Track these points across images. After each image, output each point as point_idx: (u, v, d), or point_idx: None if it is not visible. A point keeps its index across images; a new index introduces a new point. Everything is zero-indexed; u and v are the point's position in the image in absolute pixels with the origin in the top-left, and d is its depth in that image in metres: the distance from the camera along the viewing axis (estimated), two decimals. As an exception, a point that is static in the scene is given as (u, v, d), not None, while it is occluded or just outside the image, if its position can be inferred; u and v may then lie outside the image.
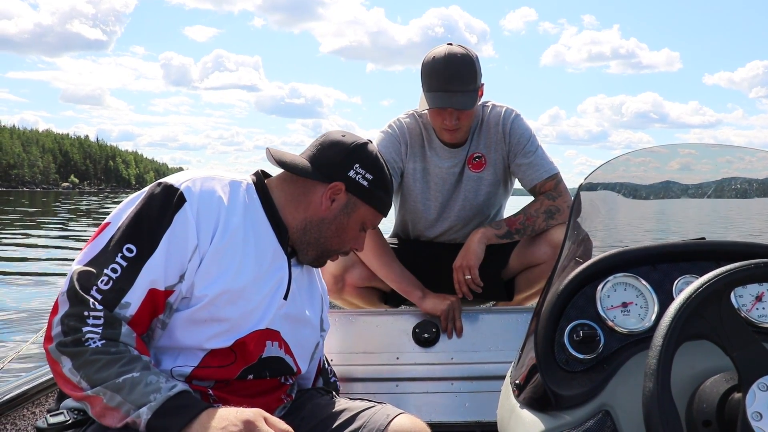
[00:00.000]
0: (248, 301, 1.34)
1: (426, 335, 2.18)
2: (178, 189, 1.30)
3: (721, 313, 0.90)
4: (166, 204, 1.28)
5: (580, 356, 1.07)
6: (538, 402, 1.06)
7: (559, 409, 1.02)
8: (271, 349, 1.41)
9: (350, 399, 1.54)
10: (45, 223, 23.90)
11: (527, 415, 1.06)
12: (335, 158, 1.45)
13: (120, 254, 1.23)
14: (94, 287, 1.20)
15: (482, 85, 2.33)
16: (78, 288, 1.20)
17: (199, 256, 1.28)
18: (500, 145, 2.40)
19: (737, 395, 0.87)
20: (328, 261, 1.57)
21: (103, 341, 1.17)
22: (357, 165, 1.44)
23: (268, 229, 1.42)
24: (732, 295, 1.11)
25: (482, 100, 2.41)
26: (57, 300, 1.22)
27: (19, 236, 17.41)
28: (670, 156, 1.51)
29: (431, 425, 1.47)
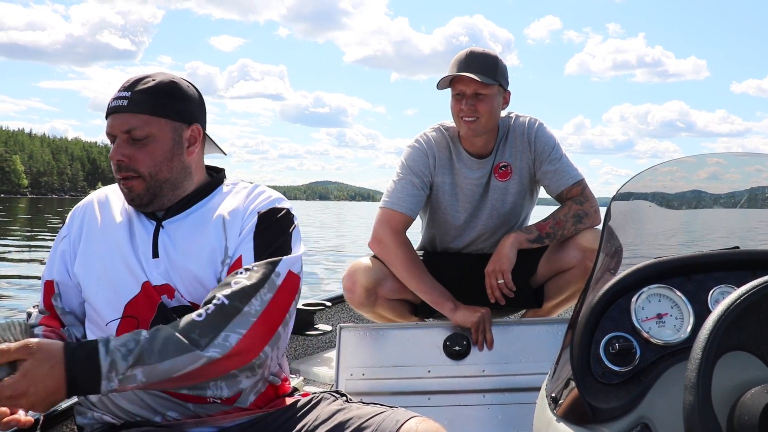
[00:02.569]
0: (109, 277, 1.47)
1: (457, 348, 2.19)
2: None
3: (760, 323, 0.89)
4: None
5: (617, 369, 1.07)
6: (575, 415, 1.06)
7: (597, 422, 1.02)
8: (169, 302, 1.44)
9: (363, 404, 1.51)
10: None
11: (564, 428, 1.06)
12: None
13: None
14: None
15: (508, 92, 2.37)
16: None
17: (68, 245, 1.55)
18: (526, 154, 2.42)
19: (780, 407, 0.87)
20: (359, 274, 1.57)
21: None
22: None
23: (133, 211, 1.54)
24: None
25: (506, 111, 2.44)
26: None
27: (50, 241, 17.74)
28: (698, 165, 1.51)
29: None
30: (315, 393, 1.59)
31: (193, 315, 1.30)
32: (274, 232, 1.48)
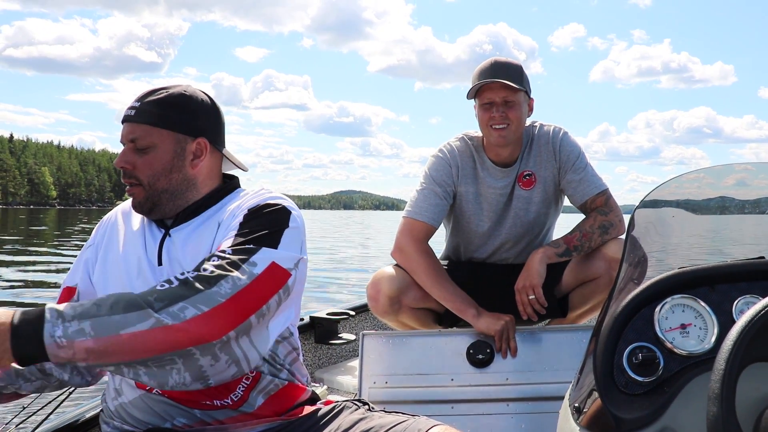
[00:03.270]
0: (123, 285, 1.51)
1: (480, 356, 2.18)
2: None
3: (784, 336, 0.89)
4: None
5: (640, 379, 1.07)
6: (599, 425, 1.06)
7: (620, 432, 1.02)
8: None
9: (385, 412, 1.50)
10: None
11: (588, 438, 1.06)
12: None
13: None
14: None
15: (532, 100, 2.38)
16: None
17: (93, 254, 1.61)
18: (550, 163, 2.42)
19: (805, 419, 0.87)
20: (383, 282, 1.58)
21: None
22: None
23: (138, 218, 1.60)
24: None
25: (530, 120, 2.45)
26: None
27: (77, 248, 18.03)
28: (725, 172, 1.50)
29: None
30: (337, 401, 1.59)
31: (156, 285, 1.26)
32: (259, 223, 1.41)
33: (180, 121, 1.51)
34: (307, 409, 1.54)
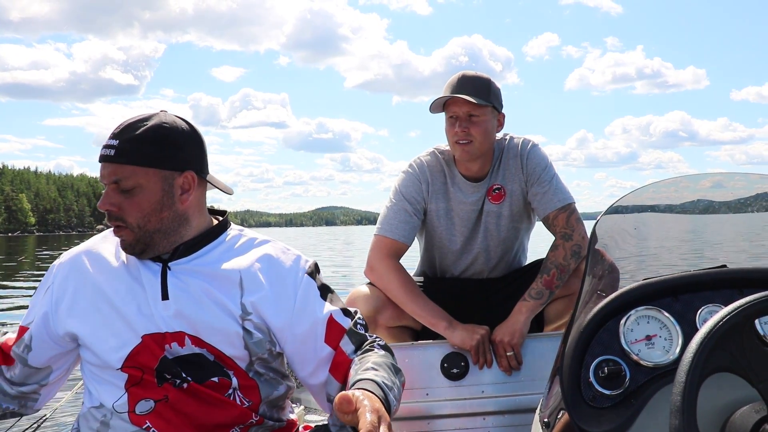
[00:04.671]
0: (120, 318, 1.44)
1: (455, 369, 2.16)
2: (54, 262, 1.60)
3: (743, 344, 0.90)
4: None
5: (607, 392, 1.08)
6: (567, 440, 1.07)
7: (588, 447, 1.02)
8: (176, 350, 1.42)
9: None
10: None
11: (557, 453, 1.06)
12: None
13: None
14: None
15: (502, 114, 2.38)
16: None
17: (51, 295, 1.52)
18: (518, 176, 2.42)
19: None
20: (359, 302, 1.82)
21: None
22: None
23: (114, 255, 1.53)
24: (757, 322, 1.11)
25: (503, 133, 2.45)
26: None
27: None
28: (701, 177, 1.51)
29: None
30: (317, 425, 1.58)
31: (369, 348, 1.48)
32: (323, 285, 1.56)
33: (164, 157, 1.44)
34: None
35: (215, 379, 1.44)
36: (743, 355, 0.88)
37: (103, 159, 1.44)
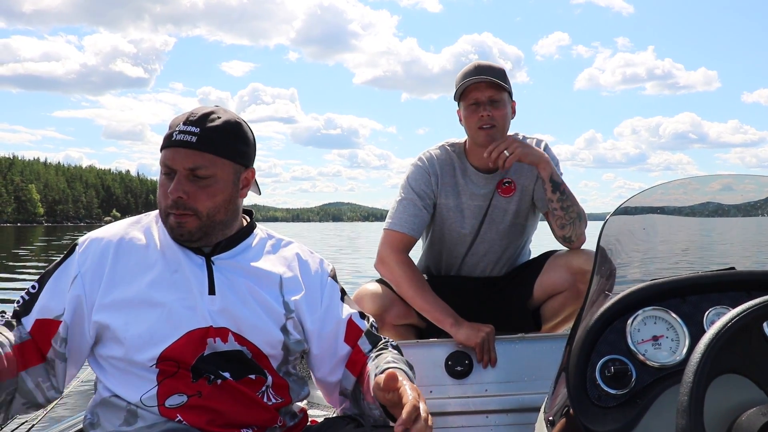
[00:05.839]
0: (159, 313, 1.40)
1: (459, 368, 2.17)
2: (75, 241, 1.50)
3: (751, 346, 0.90)
4: (65, 254, 1.49)
5: (613, 392, 1.08)
6: (571, 439, 1.07)
7: (592, 446, 1.02)
8: (219, 345, 1.42)
9: (374, 427, 1.49)
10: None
11: (561, 452, 1.06)
12: None
13: (27, 290, 1.47)
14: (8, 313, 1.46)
15: (514, 102, 2.40)
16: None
17: (81, 286, 1.42)
18: (531, 172, 2.43)
19: (775, 429, 0.87)
20: (366, 300, 1.95)
21: None
22: None
23: (174, 245, 1.48)
24: (765, 324, 1.10)
25: (512, 131, 2.45)
26: None
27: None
28: (710, 179, 1.51)
29: None
30: (327, 417, 1.61)
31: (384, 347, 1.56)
32: (342, 288, 1.65)
33: (239, 151, 1.47)
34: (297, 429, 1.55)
35: (252, 376, 1.46)
36: (751, 357, 0.88)
37: (181, 144, 1.40)
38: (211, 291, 1.43)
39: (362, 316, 1.62)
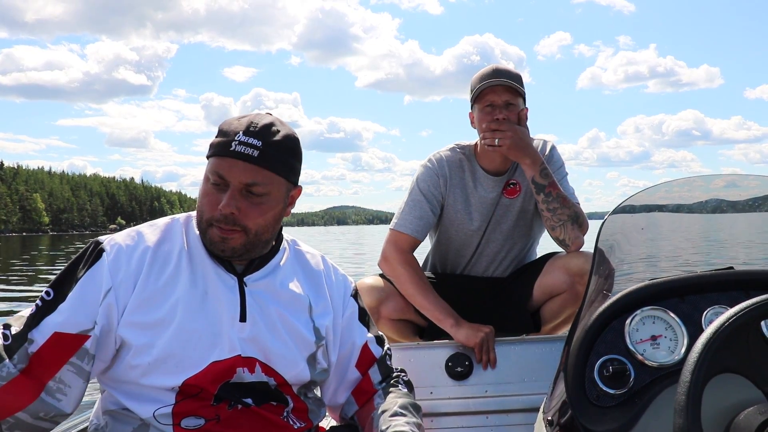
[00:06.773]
0: (187, 339, 1.33)
1: (459, 369, 2.18)
2: (100, 244, 1.36)
3: (749, 346, 0.90)
4: (87, 258, 1.35)
5: (611, 391, 1.08)
6: (570, 439, 1.07)
7: (591, 446, 1.02)
8: (245, 376, 1.37)
9: None
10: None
11: (560, 452, 1.06)
12: None
13: (40, 296, 1.32)
14: (14, 323, 1.29)
15: (526, 109, 2.40)
16: (5, 323, 1.29)
17: (114, 300, 1.31)
18: None
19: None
20: (362, 292, 1.79)
21: None
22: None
23: (205, 259, 1.40)
24: (763, 324, 1.10)
25: None
26: None
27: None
28: (715, 177, 1.51)
29: None
30: (333, 426, 1.60)
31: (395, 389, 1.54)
32: (362, 308, 1.61)
33: (293, 169, 1.40)
34: None
35: (273, 402, 1.42)
36: (749, 357, 0.88)
37: (241, 157, 1.32)
38: (242, 318, 1.37)
39: (379, 341, 1.58)
